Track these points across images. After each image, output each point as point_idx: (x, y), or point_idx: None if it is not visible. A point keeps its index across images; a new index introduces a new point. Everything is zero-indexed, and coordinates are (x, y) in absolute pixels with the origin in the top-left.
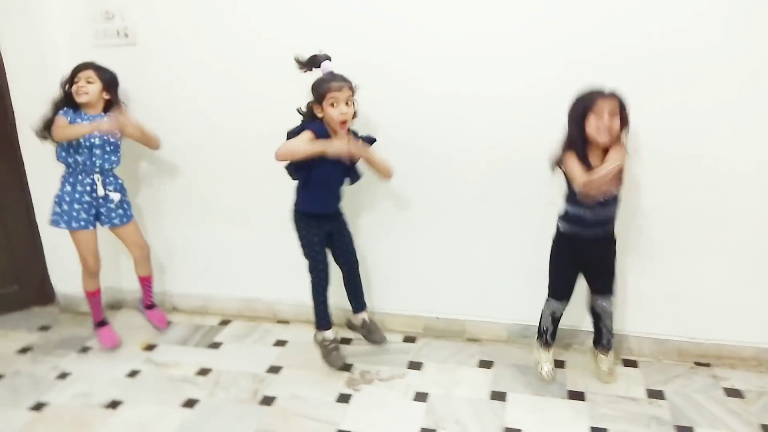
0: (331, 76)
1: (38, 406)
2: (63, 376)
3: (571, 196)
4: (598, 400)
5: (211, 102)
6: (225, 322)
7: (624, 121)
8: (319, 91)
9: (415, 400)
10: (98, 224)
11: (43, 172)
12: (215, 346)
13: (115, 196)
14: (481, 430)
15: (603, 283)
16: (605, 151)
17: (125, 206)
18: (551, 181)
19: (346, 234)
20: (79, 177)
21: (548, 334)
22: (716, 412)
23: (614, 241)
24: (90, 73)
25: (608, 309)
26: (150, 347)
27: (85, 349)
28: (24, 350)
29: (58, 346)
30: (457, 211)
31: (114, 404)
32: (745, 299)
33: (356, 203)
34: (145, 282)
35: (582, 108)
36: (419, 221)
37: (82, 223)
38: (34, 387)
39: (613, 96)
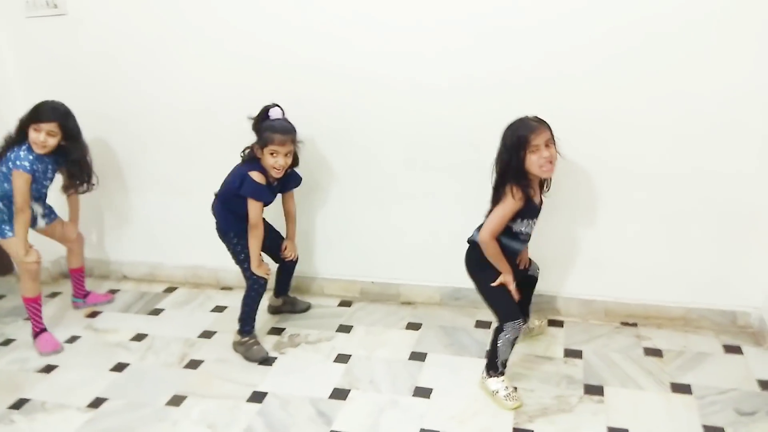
0: (277, 126)
1: None
2: (6, 342)
3: (509, 230)
4: (514, 359)
5: (147, 71)
6: (170, 290)
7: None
8: (263, 139)
9: (335, 361)
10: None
11: None
12: (156, 312)
13: (38, 210)
14: (392, 389)
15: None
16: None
17: (47, 210)
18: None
19: (273, 232)
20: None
21: (505, 363)
22: (630, 371)
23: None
24: (53, 127)
25: (537, 269)
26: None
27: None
28: None
29: (8, 314)
30: (389, 179)
31: (48, 368)
32: (666, 260)
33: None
34: (78, 274)
35: (518, 145)
36: (353, 189)
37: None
38: None
39: (542, 124)
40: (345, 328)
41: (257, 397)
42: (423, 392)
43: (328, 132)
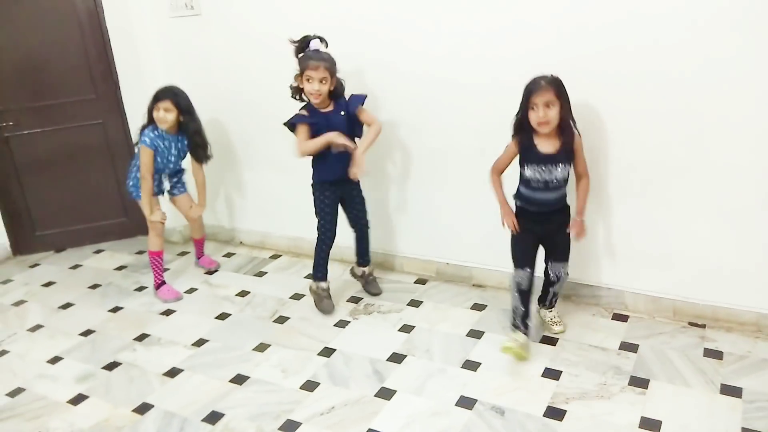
0: (312, 54)
1: (115, 309)
2: (140, 289)
3: (522, 177)
4: (567, 346)
5: (260, 62)
6: (275, 256)
7: (563, 105)
8: (300, 67)
9: (399, 330)
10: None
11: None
12: (260, 274)
13: (165, 185)
14: (444, 359)
15: (558, 252)
16: (557, 134)
17: (184, 180)
18: None
19: (358, 200)
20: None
21: (520, 316)
22: (681, 369)
23: (567, 212)
24: (168, 104)
25: (560, 275)
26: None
27: (164, 270)
28: (120, 268)
29: (145, 267)
30: (465, 166)
31: (168, 312)
32: (741, 262)
33: (375, 157)
34: (199, 243)
35: (524, 102)
36: (431, 173)
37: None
38: (118, 295)
39: (549, 86)
40: (415, 303)
41: (326, 352)
42: (471, 365)
43: (411, 122)
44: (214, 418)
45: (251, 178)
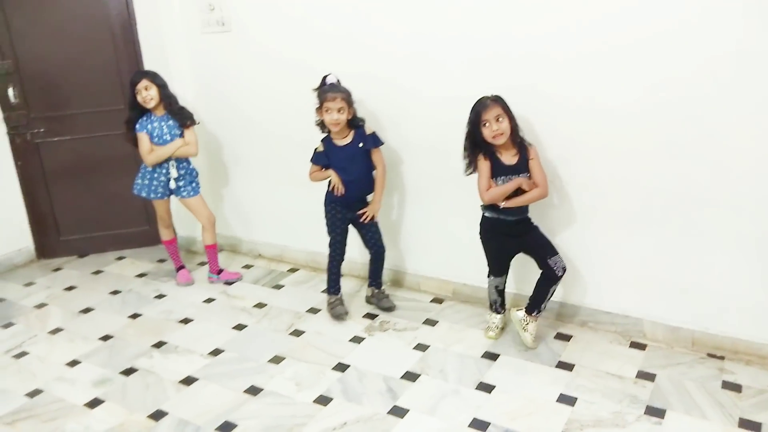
0: (329, 88)
1: (134, 316)
2: (160, 296)
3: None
4: (583, 372)
5: (286, 82)
6: (293, 270)
7: (511, 117)
8: (319, 100)
9: (414, 348)
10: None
11: None
12: (278, 287)
13: (173, 173)
14: (458, 380)
15: (547, 248)
16: (513, 145)
17: (194, 184)
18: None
19: (371, 225)
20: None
21: (497, 304)
22: (699, 400)
23: (531, 223)
24: (145, 83)
25: (564, 266)
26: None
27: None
28: (141, 275)
29: (166, 275)
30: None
31: (186, 320)
32: (762, 295)
33: (393, 176)
34: (211, 251)
35: (473, 122)
36: (451, 194)
37: (159, 194)
38: (137, 302)
39: (495, 103)
40: (431, 322)
41: (341, 367)
42: (485, 387)
43: (429, 144)
44: (227, 428)
45: (272, 192)
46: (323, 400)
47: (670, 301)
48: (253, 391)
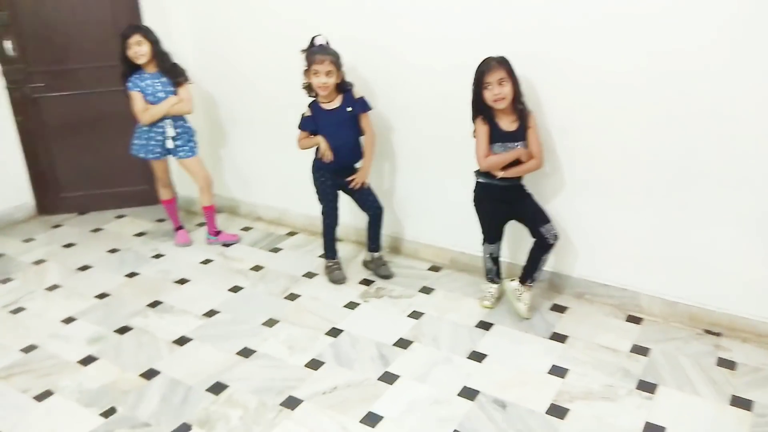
0: (317, 50)
1: (131, 275)
2: (158, 256)
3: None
4: (577, 344)
5: (287, 43)
6: (292, 234)
7: (515, 82)
8: (307, 62)
9: (409, 316)
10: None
11: None
12: (276, 250)
13: (169, 132)
14: (451, 348)
15: (536, 217)
16: (513, 111)
17: (191, 144)
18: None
19: (364, 189)
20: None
21: (493, 273)
22: (692, 376)
23: (525, 190)
24: (138, 37)
25: (557, 233)
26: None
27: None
28: (140, 234)
29: (164, 235)
30: None
31: (182, 281)
32: (761, 272)
33: (393, 141)
34: (209, 212)
35: (476, 83)
36: (449, 160)
37: (156, 154)
38: (135, 261)
39: (499, 65)
40: (427, 290)
41: (334, 332)
42: (477, 356)
43: (431, 110)
44: (218, 388)
45: (271, 155)
46: (315, 364)
47: (669, 276)
48: (246, 353)
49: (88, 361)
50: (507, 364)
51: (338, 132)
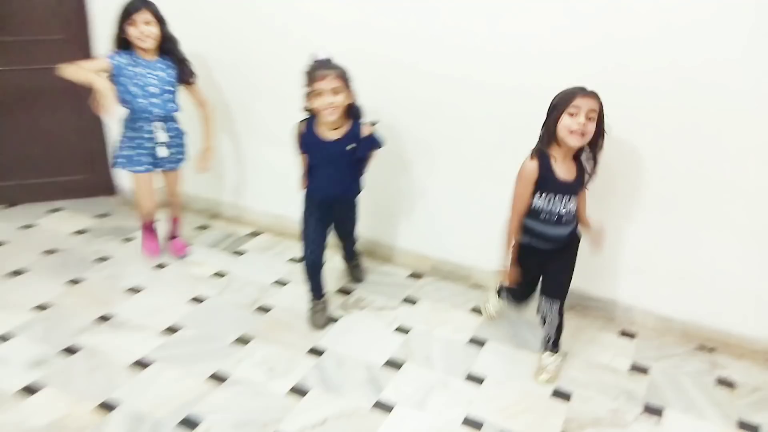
0: (318, 65)
1: (74, 281)
2: (103, 259)
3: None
4: (575, 363)
5: (253, 30)
6: (255, 234)
7: (600, 131)
8: (308, 82)
9: (396, 331)
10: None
11: None
12: (239, 253)
13: (161, 136)
14: (446, 369)
15: (554, 285)
16: (575, 156)
17: (182, 150)
18: None
19: (349, 221)
20: (139, 123)
21: (508, 300)
22: (696, 398)
23: (577, 242)
24: (147, 15)
25: (549, 315)
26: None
27: (128, 239)
28: (80, 232)
29: (108, 233)
30: (471, 159)
31: (135, 289)
32: (755, 288)
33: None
34: (176, 222)
35: (560, 104)
36: (435, 163)
37: (144, 167)
38: (78, 264)
39: (594, 96)
40: (411, 300)
41: (316, 351)
42: (475, 378)
43: (419, 111)
44: (190, 423)
45: (232, 148)
46: (299, 391)
47: (663, 290)
48: (219, 378)
49: (30, 390)
50: (507, 387)
51: (329, 167)
